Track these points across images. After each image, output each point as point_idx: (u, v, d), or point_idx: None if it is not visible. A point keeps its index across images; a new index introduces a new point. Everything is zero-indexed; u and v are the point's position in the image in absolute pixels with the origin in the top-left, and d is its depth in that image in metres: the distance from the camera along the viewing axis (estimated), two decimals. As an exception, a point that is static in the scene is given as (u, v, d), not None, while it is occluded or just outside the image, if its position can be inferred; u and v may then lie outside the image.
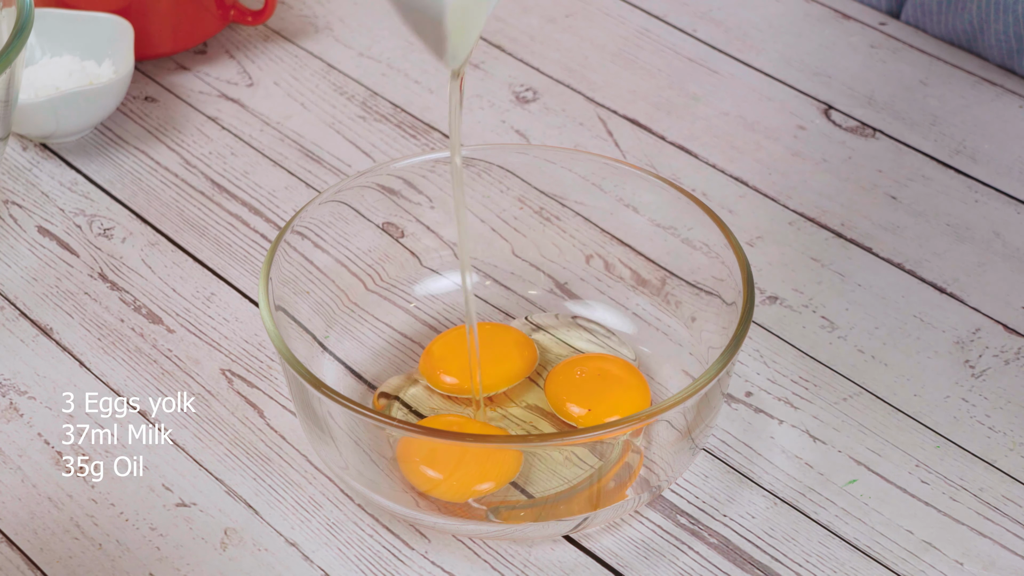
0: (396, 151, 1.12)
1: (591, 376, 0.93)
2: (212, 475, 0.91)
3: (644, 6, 1.25)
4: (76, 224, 1.07)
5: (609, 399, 0.91)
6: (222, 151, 1.13)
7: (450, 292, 1.00)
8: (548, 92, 1.17)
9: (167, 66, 1.20)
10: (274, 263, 0.90)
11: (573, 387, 0.92)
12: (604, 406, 0.91)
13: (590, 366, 0.93)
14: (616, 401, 0.91)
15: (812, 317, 1.00)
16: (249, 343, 0.99)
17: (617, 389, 0.92)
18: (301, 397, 0.86)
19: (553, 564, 0.87)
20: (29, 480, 0.91)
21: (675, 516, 0.89)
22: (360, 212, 0.97)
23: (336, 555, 0.87)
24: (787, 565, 0.87)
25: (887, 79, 1.18)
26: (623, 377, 0.93)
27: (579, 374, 0.93)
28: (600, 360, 0.94)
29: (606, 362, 0.94)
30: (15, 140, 1.13)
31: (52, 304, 1.01)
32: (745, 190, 1.09)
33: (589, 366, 0.93)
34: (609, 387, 0.92)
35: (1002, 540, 0.88)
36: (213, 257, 1.04)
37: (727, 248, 0.90)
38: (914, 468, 0.92)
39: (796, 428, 0.94)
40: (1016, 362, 0.97)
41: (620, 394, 0.92)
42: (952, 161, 1.11)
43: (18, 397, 0.95)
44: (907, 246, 1.05)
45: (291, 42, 1.22)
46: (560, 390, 0.92)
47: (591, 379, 0.92)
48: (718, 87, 1.18)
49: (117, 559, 0.87)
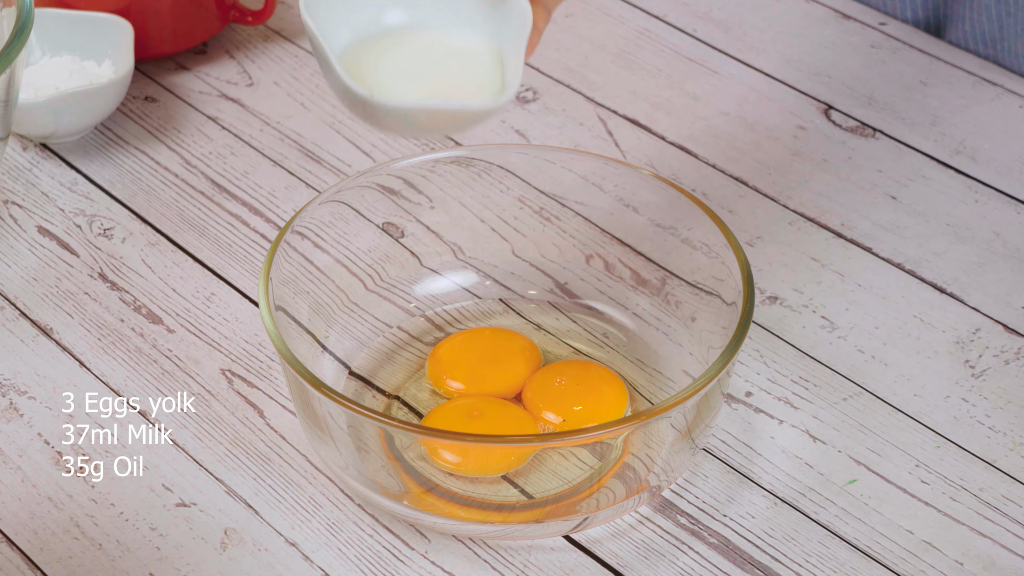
0: (396, 151, 1.12)
1: (569, 384, 0.92)
2: (212, 475, 0.91)
3: (644, 6, 1.25)
4: (76, 224, 1.07)
5: (586, 407, 0.91)
6: (222, 151, 1.13)
7: (450, 292, 1.00)
8: (548, 92, 1.17)
9: (167, 66, 1.20)
10: (274, 263, 0.90)
11: (551, 395, 0.92)
12: (581, 415, 0.91)
13: (568, 374, 0.93)
14: (593, 409, 0.91)
15: (812, 317, 1.00)
16: (249, 343, 0.99)
17: (594, 397, 0.92)
18: (301, 397, 0.86)
19: (553, 564, 0.87)
20: (29, 480, 0.91)
21: (675, 516, 0.89)
22: (360, 212, 0.97)
23: (336, 555, 0.87)
24: (787, 565, 0.87)
25: (887, 79, 1.18)
26: (600, 385, 0.93)
27: (558, 382, 0.93)
28: (578, 367, 0.94)
29: (584, 369, 0.94)
30: (15, 140, 1.13)
31: (52, 304, 1.01)
32: (745, 190, 1.09)
33: (567, 374, 0.93)
34: (586, 395, 0.92)
35: (1002, 540, 0.88)
36: (213, 257, 1.04)
37: (727, 248, 0.90)
38: (914, 468, 0.92)
39: (796, 428, 0.94)
40: (1016, 362, 0.97)
41: (596, 402, 0.92)
42: (952, 161, 1.11)
43: (18, 397, 0.95)
44: (907, 246, 1.05)
45: (291, 42, 1.22)
46: (537, 398, 0.92)
47: (569, 387, 0.92)
48: (718, 87, 1.18)
49: (117, 559, 0.87)
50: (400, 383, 0.95)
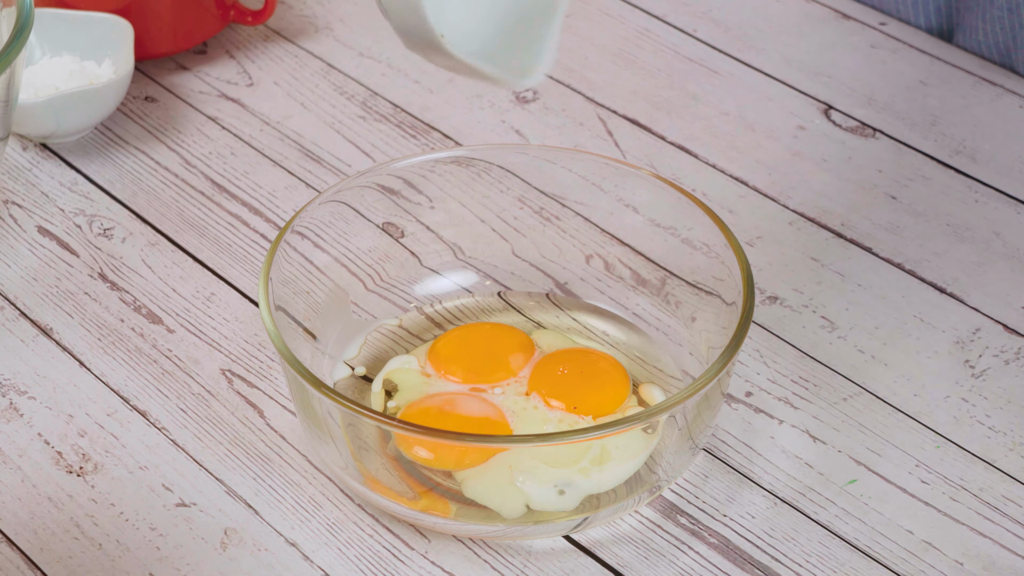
0: (396, 151, 1.12)
1: (573, 372, 0.92)
2: (212, 475, 0.91)
3: (644, 6, 1.25)
4: (76, 224, 1.07)
5: (591, 397, 0.91)
6: (222, 151, 1.13)
7: (450, 292, 1.00)
8: (548, 92, 1.17)
9: (167, 66, 1.20)
10: (274, 263, 0.90)
11: (555, 383, 0.92)
12: (586, 404, 0.91)
13: (572, 361, 0.93)
14: (598, 399, 0.91)
15: (812, 317, 1.00)
16: (249, 343, 0.99)
17: (598, 386, 0.92)
18: (301, 397, 0.86)
19: (553, 564, 0.87)
20: (29, 480, 0.91)
21: (675, 516, 0.89)
22: (360, 212, 0.97)
23: (336, 555, 0.87)
24: (787, 565, 0.87)
25: (887, 79, 1.18)
26: (605, 373, 0.92)
27: (562, 370, 0.92)
28: (583, 355, 0.94)
29: (589, 357, 0.94)
30: (15, 140, 1.13)
31: (52, 304, 1.01)
32: (745, 190, 1.09)
33: (571, 361, 0.93)
34: (591, 384, 0.92)
35: (1002, 540, 0.88)
36: (213, 257, 1.04)
37: (727, 248, 0.90)
38: (914, 468, 0.92)
39: (796, 428, 0.94)
40: (1016, 362, 0.97)
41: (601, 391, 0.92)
42: (952, 161, 1.11)
43: (18, 397, 0.95)
44: (907, 246, 1.05)
45: (291, 42, 1.22)
46: (542, 386, 0.92)
47: (573, 376, 0.92)
48: (718, 87, 1.18)
49: (117, 559, 0.87)
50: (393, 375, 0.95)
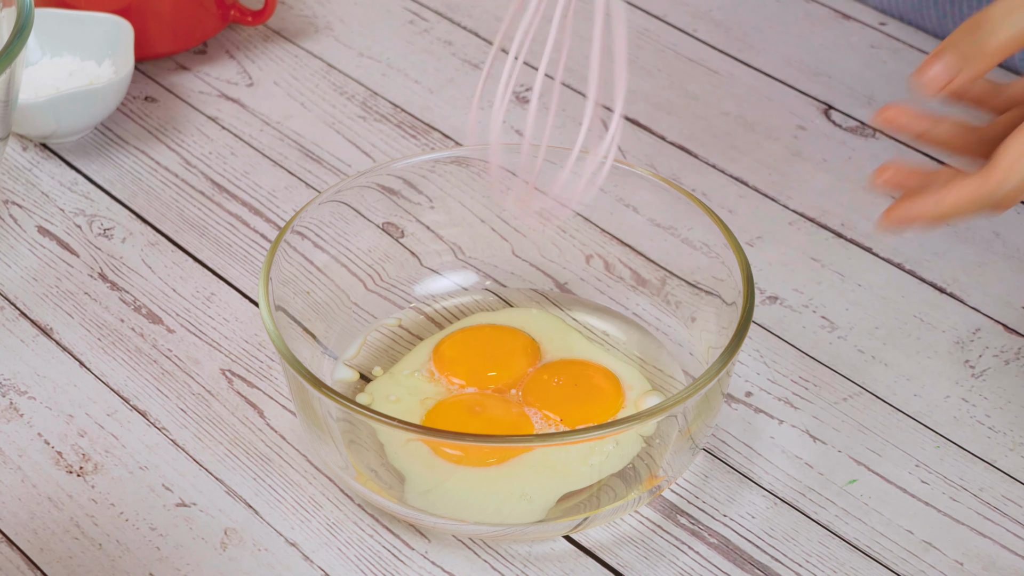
0: (396, 151, 1.12)
1: (567, 384, 0.92)
2: (212, 475, 0.91)
3: (644, 6, 1.25)
4: (76, 224, 1.07)
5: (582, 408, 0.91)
6: (222, 151, 1.13)
7: (450, 292, 1.00)
8: (548, 92, 1.17)
9: (167, 66, 1.20)
10: (274, 263, 0.90)
11: (548, 395, 0.92)
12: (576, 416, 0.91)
13: (566, 373, 0.93)
14: (588, 410, 0.91)
15: (812, 317, 1.00)
16: (249, 343, 0.99)
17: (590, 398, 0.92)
18: (301, 397, 0.86)
19: (553, 564, 0.87)
20: (29, 480, 0.91)
21: (675, 516, 0.89)
22: (360, 212, 0.97)
23: (336, 555, 0.87)
24: (787, 565, 0.87)
25: (887, 79, 1.18)
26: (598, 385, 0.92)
27: (556, 382, 0.92)
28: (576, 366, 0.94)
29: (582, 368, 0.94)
30: (15, 140, 1.13)
31: (52, 304, 1.01)
32: (745, 190, 1.09)
33: (565, 373, 0.93)
34: (583, 396, 0.92)
35: (1002, 540, 0.88)
36: (213, 257, 1.04)
37: (727, 248, 0.90)
38: (914, 468, 0.92)
39: (796, 428, 0.94)
40: (1016, 362, 0.97)
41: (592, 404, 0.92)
42: (952, 161, 1.11)
43: (18, 397, 0.95)
44: (907, 246, 1.05)
45: (291, 42, 1.22)
46: (535, 398, 0.92)
47: (567, 387, 0.92)
48: (718, 87, 1.18)
49: (117, 559, 0.87)
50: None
